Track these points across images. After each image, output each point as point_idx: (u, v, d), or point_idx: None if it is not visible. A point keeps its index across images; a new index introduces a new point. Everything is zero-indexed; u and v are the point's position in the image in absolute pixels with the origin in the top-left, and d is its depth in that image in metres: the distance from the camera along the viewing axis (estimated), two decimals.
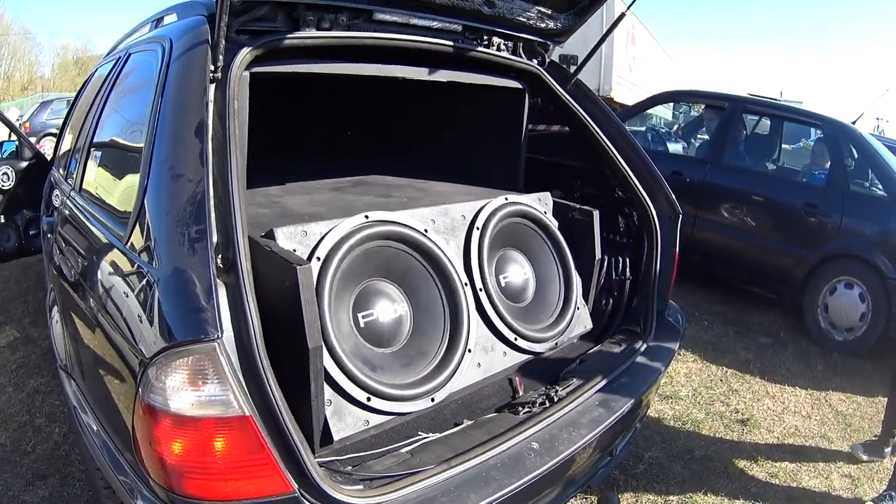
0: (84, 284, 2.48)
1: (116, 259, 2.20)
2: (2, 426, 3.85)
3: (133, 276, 2.03)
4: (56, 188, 4.16)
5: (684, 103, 10.99)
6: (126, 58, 3.28)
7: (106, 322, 2.15)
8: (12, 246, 5.21)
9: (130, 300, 1.97)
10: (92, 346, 2.34)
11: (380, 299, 2.48)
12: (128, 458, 1.96)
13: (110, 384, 2.15)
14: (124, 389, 1.96)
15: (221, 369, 1.68)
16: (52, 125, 21.16)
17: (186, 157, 1.95)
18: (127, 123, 2.79)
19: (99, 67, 4.61)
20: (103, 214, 2.54)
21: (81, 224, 2.82)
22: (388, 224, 2.53)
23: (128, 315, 1.97)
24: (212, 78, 2.14)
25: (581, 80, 3.51)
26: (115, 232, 2.26)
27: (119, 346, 2.02)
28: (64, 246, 3.05)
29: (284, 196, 3.08)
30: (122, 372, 1.99)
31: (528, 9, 3.11)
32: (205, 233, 1.78)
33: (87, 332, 2.38)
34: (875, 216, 5.70)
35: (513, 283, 3.00)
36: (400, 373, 2.39)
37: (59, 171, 4.50)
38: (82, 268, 2.58)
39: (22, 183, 5.25)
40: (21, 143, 5.48)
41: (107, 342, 2.13)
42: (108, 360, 2.13)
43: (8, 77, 48.42)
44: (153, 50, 2.61)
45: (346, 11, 2.57)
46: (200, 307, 1.69)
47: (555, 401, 2.49)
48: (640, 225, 3.32)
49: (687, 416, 4.30)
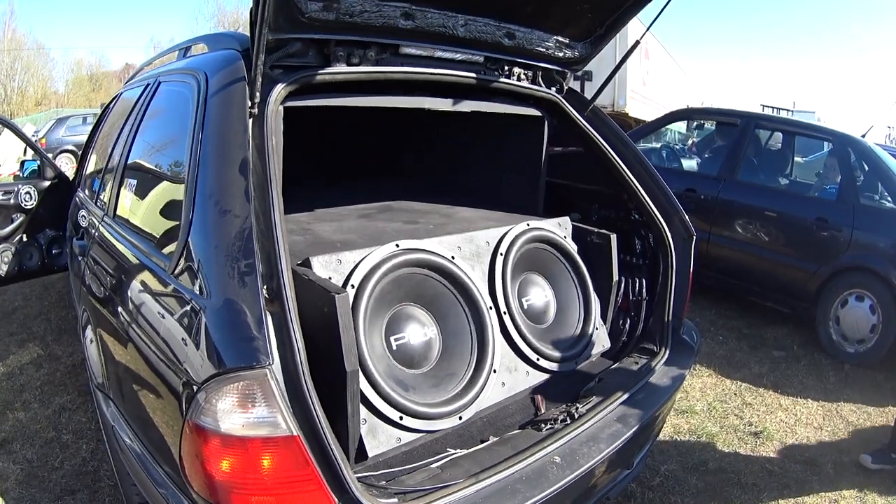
0: (124, 309, 2.58)
1: (160, 288, 2.31)
2: (28, 442, 3.93)
3: (179, 304, 2.13)
4: (82, 209, 4.27)
5: (697, 120, 11.06)
6: (156, 86, 3.37)
7: (149, 347, 2.26)
8: (35, 264, 5.34)
9: (176, 327, 2.08)
10: (133, 368, 2.45)
11: (410, 323, 2.60)
12: (167, 472, 2.09)
13: (152, 404, 2.27)
14: (167, 409, 2.08)
15: (270, 393, 1.78)
16: (69, 142, 21.42)
17: (232, 194, 2.05)
18: (164, 155, 2.91)
19: (124, 91, 4.71)
20: (144, 243, 2.65)
21: (120, 251, 2.92)
22: (417, 252, 2.65)
23: (172, 341, 2.09)
24: (250, 114, 2.25)
25: (597, 105, 3.62)
26: (158, 262, 2.37)
27: (162, 369, 2.14)
28: (100, 270, 3.15)
29: (315, 223, 3.20)
30: (165, 393, 2.11)
31: (547, 39, 3.22)
32: (254, 267, 1.89)
33: (128, 354, 2.49)
34: (885, 228, 5.74)
35: (535, 306, 3.10)
36: (430, 392, 2.50)
37: (85, 191, 4.61)
38: (123, 293, 2.68)
39: (45, 202, 5.38)
40: (43, 163, 5.60)
41: (149, 366, 2.25)
42: (151, 383, 2.25)
43: (22, 91, 48.54)
44: (187, 82, 2.70)
45: (374, 46, 2.69)
46: (252, 336, 1.80)
47: (575, 417, 2.58)
48: (656, 246, 3.41)
49: (702, 429, 4.38)
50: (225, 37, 2.84)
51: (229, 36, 2.81)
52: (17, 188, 5.24)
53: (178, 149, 2.56)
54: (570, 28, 3.26)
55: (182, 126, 2.51)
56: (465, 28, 2.87)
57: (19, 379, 4.80)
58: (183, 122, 2.52)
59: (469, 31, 2.89)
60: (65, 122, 23.07)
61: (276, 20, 2.22)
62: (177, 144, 2.61)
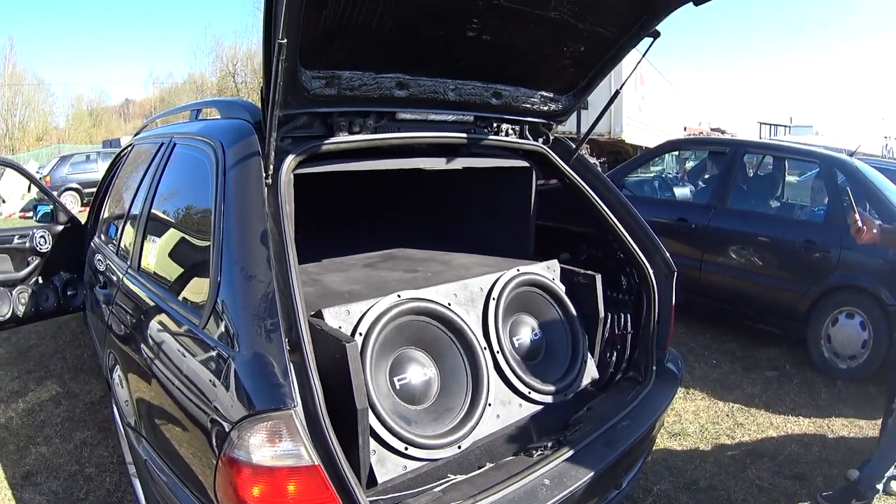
0: (156, 356, 2.87)
1: (190, 339, 2.59)
2: (53, 475, 4.14)
3: (209, 354, 2.41)
4: (99, 254, 4.55)
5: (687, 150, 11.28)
6: (171, 146, 3.63)
7: (179, 390, 2.57)
8: (51, 305, 5.55)
9: (205, 374, 2.37)
10: (165, 408, 2.74)
11: (412, 365, 2.89)
12: (199, 498, 2.42)
13: (183, 440, 2.58)
14: (198, 444, 2.39)
15: (295, 430, 2.08)
16: (73, 180, 21.49)
17: (255, 263, 2.34)
18: (187, 218, 3.20)
19: (136, 144, 4.93)
20: (172, 298, 2.92)
21: (148, 303, 3.20)
22: (417, 301, 2.95)
23: (202, 386, 2.38)
24: (266, 185, 2.54)
25: (594, 133, 3.89)
26: (187, 316, 2.65)
27: (192, 410, 2.45)
28: (129, 319, 3.42)
29: (323, 274, 3.49)
30: (195, 430, 2.42)
31: (532, 95, 3.51)
32: (278, 325, 2.18)
33: (160, 397, 2.78)
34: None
35: (526, 344, 3.37)
36: (431, 425, 2.78)
37: (101, 237, 4.87)
38: (153, 342, 2.96)
39: (59, 245, 5.64)
40: (56, 208, 5.85)
41: (179, 407, 2.57)
42: (181, 421, 2.56)
43: (23, 127, 48.73)
44: (203, 150, 2.99)
45: (373, 115, 3.00)
46: (279, 383, 2.10)
47: (564, 444, 2.84)
48: (640, 283, 3.65)
49: (694, 450, 4.56)
50: (236, 105, 3.14)
51: (239, 105, 3.10)
52: (31, 232, 5.51)
53: (200, 214, 2.89)
54: (553, 83, 3.56)
55: (202, 192, 2.79)
56: (456, 92, 3.18)
57: (39, 415, 5.01)
58: (203, 188, 2.80)
59: (459, 95, 3.21)
60: (68, 160, 23.22)
61: (285, 99, 2.49)
62: (199, 209, 2.94)
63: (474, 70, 3.21)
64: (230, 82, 52.52)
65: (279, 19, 2.14)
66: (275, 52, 2.22)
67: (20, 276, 5.42)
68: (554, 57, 3.33)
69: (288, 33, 2.20)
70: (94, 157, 24.13)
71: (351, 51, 2.72)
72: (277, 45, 2.19)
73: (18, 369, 5.99)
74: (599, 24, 3.20)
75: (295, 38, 2.36)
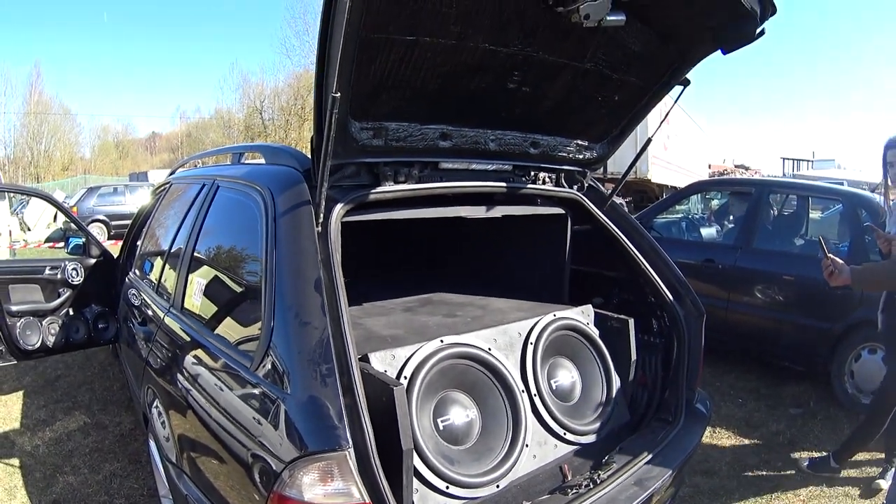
0: (201, 395, 2.94)
1: (240, 381, 2.67)
2: None
3: (259, 396, 2.49)
4: (134, 289, 4.67)
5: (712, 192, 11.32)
6: (214, 189, 3.71)
7: (224, 429, 2.65)
8: (81, 337, 5.60)
9: (257, 416, 2.45)
10: (209, 446, 2.81)
11: (454, 406, 2.98)
12: None
13: (227, 476, 2.67)
14: (242, 481, 2.48)
15: (347, 470, 2.18)
16: (100, 212, 21.84)
17: (309, 308, 2.44)
18: (234, 262, 3.31)
19: (174, 182, 5.02)
20: (220, 340, 3.01)
21: (193, 344, 3.28)
22: (458, 346, 3.05)
23: (250, 426, 2.47)
24: (317, 232, 2.64)
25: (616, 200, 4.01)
26: (237, 358, 2.72)
27: (238, 449, 2.54)
28: (171, 358, 3.49)
29: (365, 318, 3.59)
30: (239, 468, 2.51)
31: (568, 144, 3.64)
32: (332, 371, 2.28)
33: (204, 435, 2.86)
34: None
35: (562, 386, 3.45)
36: (471, 465, 2.86)
37: (136, 272, 4.97)
38: (199, 381, 3.04)
39: (90, 278, 5.73)
40: (88, 241, 5.96)
41: (223, 445, 2.66)
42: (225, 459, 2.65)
43: (49, 155, 49.02)
44: (251, 195, 3.07)
45: (417, 164, 3.12)
46: (334, 425, 2.19)
47: (598, 483, 2.92)
48: (671, 325, 3.73)
49: (721, 487, 4.59)
50: (283, 152, 3.23)
51: (287, 153, 3.19)
52: (63, 264, 5.61)
53: (249, 259, 3.00)
54: (588, 132, 3.69)
55: (251, 238, 2.90)
56: (496, 142, 3.31)
57: (67, 444, 5.08)
58: (251, 234, 2.89)
59: (499, 145, 3.33)
60: (96, 192, 23.70)
61: (335, 150, 2.58)
62: (247, 255, 3.04)
63: (514, 120, 3.34)
64: (257, 118, 52.08)
65: (332, 74, 2.25)
66: (327, 105, 2.32)
67: (50, 307, 5.52)
68: (589, 106, 3.46)
69: (340, 87, 2.30)
70: (122, 189, 24.59)
71: (398, 103, 2.84)
72: (331, 98, 2.29)
73: (45, 398, 6.07)
74: (632, 74, 3.32)
75: (346, 92, 2.46)
